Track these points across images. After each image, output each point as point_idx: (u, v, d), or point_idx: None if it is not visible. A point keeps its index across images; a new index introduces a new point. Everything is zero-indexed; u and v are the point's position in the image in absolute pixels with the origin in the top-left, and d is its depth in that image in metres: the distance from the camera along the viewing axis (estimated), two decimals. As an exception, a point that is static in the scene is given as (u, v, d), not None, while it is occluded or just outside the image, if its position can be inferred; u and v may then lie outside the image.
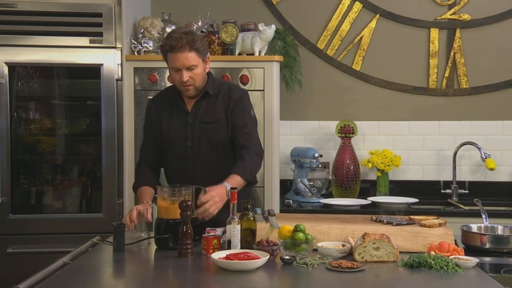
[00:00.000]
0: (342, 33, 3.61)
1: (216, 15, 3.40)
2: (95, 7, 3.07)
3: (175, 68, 2.30)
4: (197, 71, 2.31)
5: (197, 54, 2.29)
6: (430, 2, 3.57)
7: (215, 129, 2.39)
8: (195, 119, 2.39)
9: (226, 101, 2.42)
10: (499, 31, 3.53)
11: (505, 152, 3.52)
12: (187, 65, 2.28)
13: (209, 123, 2.39)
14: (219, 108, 2.41)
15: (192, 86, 2.34)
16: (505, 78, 3.53)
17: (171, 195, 2.13)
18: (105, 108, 3.09)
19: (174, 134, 2.40)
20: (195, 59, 2.29)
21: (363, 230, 2.03)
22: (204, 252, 2.01)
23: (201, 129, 2.38)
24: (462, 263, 1.84)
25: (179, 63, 2.28)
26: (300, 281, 1.79)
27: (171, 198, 2.13)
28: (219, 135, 2.40)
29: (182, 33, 2.28)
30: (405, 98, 3.60)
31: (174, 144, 2.40)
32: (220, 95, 2.43)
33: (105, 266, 1.99)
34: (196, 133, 2.38)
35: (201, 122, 2.39)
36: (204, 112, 2.40)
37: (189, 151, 2.38)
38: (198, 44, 2.29)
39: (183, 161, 2.39)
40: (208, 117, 2.40)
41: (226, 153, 2.42)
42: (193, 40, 2.27)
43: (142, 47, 3.14)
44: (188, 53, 2.26)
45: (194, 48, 2.27)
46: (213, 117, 2.40)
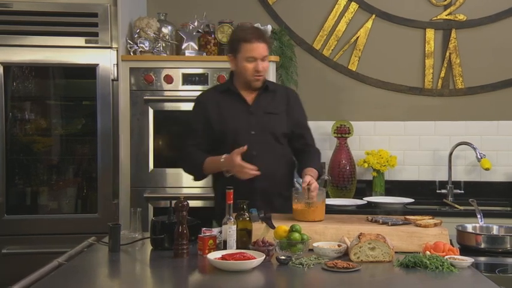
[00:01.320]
0: (338, 33, 3.61)
1: (212, 15, 3.40)
2: (91, 7, 3.06)
3: (252, 58, 2.39)
4: (266, 63, 2.45)
5: (267, 48, 2.43)
6: (425, 3, 3.58)
7: (277, 120, 2.50)
8: (258, 109, 2.49)
9: (284, 98, 2.56)
10: (495, 31, 3.54)
11: (501, 152, 3.53)
12: (263, 55, 2.41)
13: (272, 114, 2.50)
14: (278, 103, 2.53)
15: (263, 76, 2.46)
16: (500, 79, 3.54)
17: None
18: (101, 108, 3.08)
19: (236, 124, 2.45)
20: (266, 51, 2.43)
21: (359, 230, 2.03)
22: (200, 253, 2.01)
23: (264, 119, 2.48)
24: (457, 263, 1.84)
25: (256, 53, 2.38)
26: (296, 281, 1.79)
27: (305, 201, 2.23)
28: (280, 126, 2.50)
29: (255, 27, 2.47)
30: (401, 98, 3.60)
31: (237, 134, 2.45)
32: (277, 92, 2.57)
33: (100, 267, 1.99)
34: (259, 122, 2.46)
35: (264, 112, 2.49)
36: (266, 104, 2.51)
37: (253, 139, 2.44)
38: (268, 37, 2.48)
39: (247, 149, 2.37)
40: (271, 108, 2.50)
41: (283, 144, 2.52)
42: (265, 34, 2.48)
43: (138, 47, 3.14)
44: (263, 44, 2.40)
45: (266, 41, 2.44)
46: (276, 110, 2.51)
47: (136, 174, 3.13)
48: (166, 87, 3.14)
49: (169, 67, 3.14)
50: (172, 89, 3.14)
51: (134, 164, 3.13)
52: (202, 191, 3.15)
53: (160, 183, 3.15)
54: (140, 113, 3.13)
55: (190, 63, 3.17)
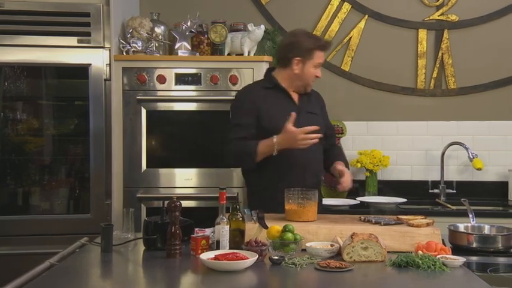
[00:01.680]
0: (331, 33, 3.62)
1: (205, 15, 3.40)
2: (83, 7, 3.05)
3: (318, 64, 2.59)
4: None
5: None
6: (418, 3, 3.60)
7: (317, 120, 2.63)
8: (303, 108, 2.62)
9: (317, 100, 2.77)
10: (487, 32, 3.56)
11: (492, 152, 3.55)
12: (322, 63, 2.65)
13: (313, 114, 2.66)
14: (315, 105, 2.72)
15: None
16: (492, 79, 3.56)
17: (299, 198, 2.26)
18: (93, 108, 3.07)
19: (280, 120, 2.48)
20: None
21: (352, 230, 2.03)
22: (193, 253, 2.01)
23: (307, 118, 2.57)
24: (449, 263, 1.85)
25: (322, 61, 2.62)
26: (289, 281, 1.79)
27: (298, 202, 2.25)
28: (321, 126, 2.59)
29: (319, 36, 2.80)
30: (394, 99, 3.62)
31: (278, 130, 2.48)
32: (311, 95, 2.72)
33: (92, 267, 1.98)
34: (303, 121, 2.52)
35: (307, 112, 2.63)
36: (309, 105, 2.67)
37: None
38: None
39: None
40: (311, 108, 2.68)
41: (320, 144, 2.60)
42: None
43: (131, 47, 3.13)
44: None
45: None
46: (315, 110, 2.70)
47: (129, 174, 3.12)
48: (159, 87, 3.13)
49: (162, 67, 3.13)
50: (165, 89, 3.13)
51: (127, 164, 3.11)
52: (196, 191, 3.14)
53: (153, 183, 3.14)
54: (133, 113, 3.12)
55: (183, 63, 3.16)
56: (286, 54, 2.57)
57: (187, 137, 3.21)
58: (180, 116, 3.19)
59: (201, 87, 3.14)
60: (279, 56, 2.66)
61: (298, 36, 2.59)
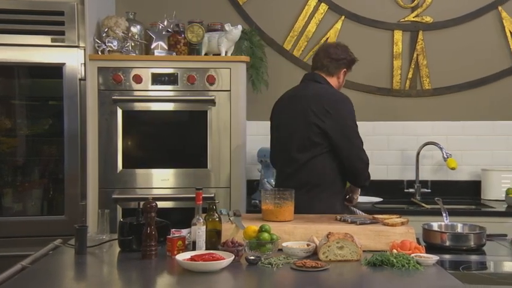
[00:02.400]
0: (308, 34, 3.63)
1: (181, 15, 3.38)
2: (57, 5, 3.00)
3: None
4: None
5: None
6: (393, 4, 3.64)
7: None
8: None
9: None
10: (460, 33, 3.62)
11: (466, 152, 3.61)
12: None
13: None
14: None
15: None
16: (465, 80, 3.63)
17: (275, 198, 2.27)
18: (68, 109, 3.02)
19: None
20: None
21: (328, 230, 2.04)
22: (169, 254, 2.00)
23: None
24: (423, 261, 1.87)
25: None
26: (265, 281, 1.79)
27: (274, 202, 2.26)
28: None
29: None
30: (370, 99, 3.65)
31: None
32: None
33: (66, 269, 1.95)
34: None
35: None
36: None
37: None
38: None
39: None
40: None
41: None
42: None
43: (106, 47, 3.09)
44: None
45: None
46: None
47: (104, 175, 3.08)
48: (135, 87, 3.11)
49: (139, 67, 3.11)
50: (142, 88, 3.11)
51: (102, 165, 3.08)
52: (173, 191, 3.13)
53: (130, 184, 3.11)
54: (108, 113, 3.09)
55: (159, 63, 3.14)
56: (339, 64, 2.70)
57: (164, 137, 3.19)
58: (157, 116, 3.17)
59: (177, 87, 3.12)
60: (330, 64, 2.69)
61: (347, 51, 2.75)
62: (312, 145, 2.55)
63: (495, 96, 3.62)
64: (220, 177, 3.13)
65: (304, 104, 2.58)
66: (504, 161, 3.59)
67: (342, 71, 2.73)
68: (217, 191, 3.11)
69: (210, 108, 3.12)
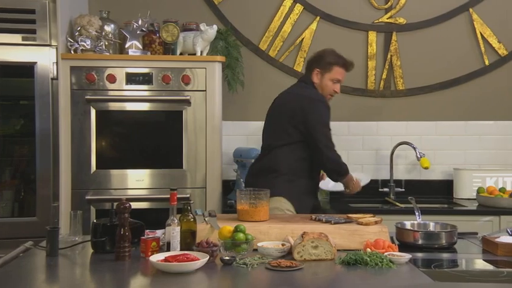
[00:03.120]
0: (283, 34, 3.64)
1: (156, 14, 3.36)
2: (28, 3, 2.95)
3: (337, 80, 2.87)
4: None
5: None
6: (368, 6, 3.67)
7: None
8: None
9: None
10: (433, 35, 3.68)
11: (438, 152, 3.67)
12: (342, 82, 2.92)
13: None
14: None
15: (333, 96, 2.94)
16: (438, 80, 3.68)
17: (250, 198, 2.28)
18: (40, 108, 2.97)
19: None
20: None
21: (302, 229, 2.05)
22: (143, 255, 1.98)
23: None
24: (396, 259, 1.90)
25: (341, 77, 2.89)
26: (240, 281, 1.79)
27: (249, 202, 2.27)
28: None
29: (345, 57, 2.90)
30: (345, 99, 3.68)
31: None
32: None
33: (37, 272, 1.91)
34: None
35: None
36: None
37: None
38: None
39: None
40: None
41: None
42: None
43: (79, 45, 3.05)
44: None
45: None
46: None
47: (77, 176, 3.04)
48: (109, 87, 3.07)
49: (113, 66, 3.08)
50: (116, 88, 3.08)
51: (75, 165, 3.04)
52: (148, 192, 3.10)
53: (104, 185, 3.08)
54: (82, 113, 3.05)
55: (134, 62, 3.11)
56: (311, 64, 2.90)
57: (139, 138, 3.16)
58: (132, 116, 3.14)
59: (152, 87, 3.10)
60: (305, 66, 2.99)
61: (325, 51, 2.90)
62: (284, 134, 2.77)
63: (467, 96, 3.68)
64: (196, 177, 3.12)
65: (284, 100, 2.88)
66: (476, 160, 3.66)
67: (314, 72, 2.87)
68: (193, 191, 3.10)
69: (186, 108, 3.10)
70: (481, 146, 3.67)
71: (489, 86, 3.68)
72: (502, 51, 3.66)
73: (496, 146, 3.67)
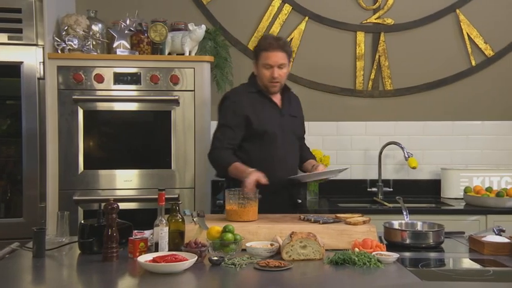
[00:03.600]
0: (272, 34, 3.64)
1: (144, 14, 3.34)
2: (14, 2, 2.92)
3: (268, 65, 2.66)
4: (284, 70, 2.70)
5: (286, 56, 2.68)
6: (356, 6, 3.69)
7: (298, 122, 2.86)
8: (286, 112, 2.78)
9: (297, 103, 2.93)
10: (421, 35, 3.70)
11: (426, 152, 3.69)
12: (279, 63, 2.66)
13: (295, 117, 2.83)
14: (296, 108, 2.89)
15: (279, 83, 2.71)
16: (425, 81, 3.71)
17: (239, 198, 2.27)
18: (26, 108, 2.94)
19: (274, 125, 2.71)
20: (284, 59, 2.67)
21: (291, 229, 2.05)
22: (131, 256, 1.97)
23: (289, 121, 2.78)
24: (383, 259, 1.91)
25: (272, 61, 2.65)
26: (228, 281, 1.79)
27: (238, 202, 2.26)
28: (300, 129, 2.89)
29: (275, 38, 2.73)
30: (333, 99, 3.69)
31: (267, 132, 2.69)
32: (291, 97, 2.89)
33: (23, 273, 1.89)
34: (288, 124, 2.76)
35: (290, 115, 2.79)
36: (290, 107, 2.82)
37: (280, 139, 2.71)
38: (287, 47, 2.70)
39: (273, 146, 2.70)
40: (293, 112, 2.83)
41: (299, 146, 2.86)
42: (284, 43, 2.71)
43: (66, 45, 3.03)
44: (280, 53, 2.65)
45: (285, 50, 2.67)
46: (296, 113, 2.86)
47: (65, 176, 3.02)
48: (97, 87, 3.06)
49: (100, 66, 3.06)
50: (104, 88, 3.06)
51: (63, 166, 3.02)
52: (137, 192, 3.09)
53: (91, 185, 3.06)
54: (69, 113, 3.02)
55: (122, 62, 3.09)
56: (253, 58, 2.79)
57: (127, 138, 3.15)
58: (120, 116, 3.12)
59: (141, 86, 3.08)
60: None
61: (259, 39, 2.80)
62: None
63: (454, 97, 3.71)
64: (184, 177, 3.11)
65: None
66: (463, 160, 3.69)
67: (254, 64, 2.77)
68: (182, 191, 3.09)
69: (174, 108, 3.10)
70: (468, 146, 3.71)
71: (476, 87, 3.71)
72: (489, 52, 3.69)
73: (483, 146, 3.70)
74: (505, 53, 3.70)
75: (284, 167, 2.70)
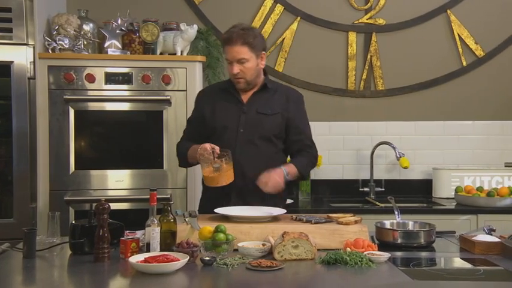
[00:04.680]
0: (264, 34, 3.63)
1: (136, 13, 3.33)
2: (4, 1, 2.90)
3: (228, 60, 2.47)
4: (248, 64, 2.44)
5: (250, 49, 2.42)
6: (347, 6, 3.70)
7: (269, 120, 2.53)
8: (251, 108, 2.53)
9: (283, 98, 2.59)
10: (412, 35, 3.72)
11: (418, 151, 3.71)
12: (238, 58, 2.42)
13: (264, 114, 2.53)
14: (276, 104, 2.56)
15: (243, 79, 2.48)
16: (417, 81, 3.72)
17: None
18: (17, 108, 2.93)
19: (227, 121, 2.52)
20: (246, 53, 2.42)
21: (283, 229, 2.05)
22: (122, 256, 1.96)
23: (255, 119, 2.52)
24: (375, 258, 1.91)
25: (230, 56, 2.44)
26: (220, 281, 1.79)
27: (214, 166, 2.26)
28: (271, 127, 2.53)
29: (239, 29, 2.44)
30: (325, 99, 3.70)
31: (226, 130, 2.51)
32: (277, 92, 2.60)
33: (13, 274, 1.88)
34: (250, 121, 2.51)
35: (257, 112, 2.53)
36: (261, 104, 2.55)
37: (240, 137, 2.50)
38: (251, 39, 2.42)
39: (232, 145, 2.47)
40: (264, 109, 2.54)
41: (273, 145, 2.54)
42: (247, 35, 2.42)
43: (57, 45, 3.02)
44: (240, 47, 2.41)
45: (247, 43, 2.41)
46: (269, 110, 2.54)
47: (56, 177, 3.01)
48: (88, 87, 3.04)
49: (91, 66, 3.04)
50: (95, 88, 3.05)
51: (53, 166, 3.00)
52: (129, 192, 3.08)
53: (83, 186, 3.05)
54: (60, 113, 3.01)
55: (113, 62, 3.08)
56: None
57: (119, 138, 3.13)
58: (111, 116, 3.11)
59: (132, 86, 3.07)
60: None
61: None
62: None
63: (446, 97, 3.73)
64: (176, 177, 3.10)
65: None
66: (454, 160, 3.71)
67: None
68: (174, 191, 3.09)
69: (166, 108, 3.09)
70: (460, 145, 3.72)
71: (467, 87, 3.73)
72: (479, 52, 3.72)
73: (474, 145, 3.72)
74: (496, 53, 3.73)
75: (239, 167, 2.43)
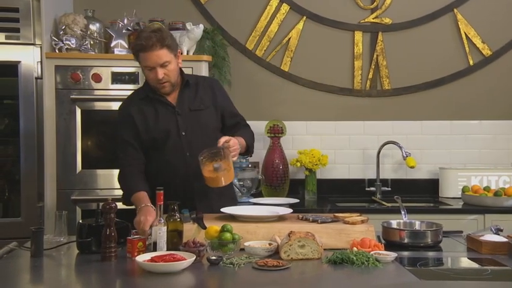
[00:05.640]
0: (270, 34, 3.64)
1: (142, 13, 3.34)
2: (11, 1, 2.93)
3: (149, 67, 2.33)
4: (171, 67, 2.35)
5: (169, 51, 2.32)
6: (354, 6, 3.69)
7: (205, 115, 2.46)
8: (183, 108, 2.43)
9: (207, 90, 2.50)
10: (418, 35, 3.70)
11: (424, 151, 3.69)
12: (160, 62, 2.31)
13: (198, 111, 2.45)
14: (203, 97, 2.48)
15: (168, 82, 2.37)
16: (423, 80, 3.71)
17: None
18: (24, 108, 2.95)
19: (165, 127, 2.40)
20: (167, 55, 2.32)
21: (290, 229, 2.05)
22: (129, 255, 1.97)
23: (191, 117, 2.43)
24: (382, 258, 1.91)
25: (152, 62, 2.30)
26: (227, 281, 1.79)
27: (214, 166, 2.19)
28: (209, 121, 2.47)
29: (151, 32, 2.32)
30: (332, 99, 3.69)
31: (168, 137, 2.40)
32: (199, 84, 2.50)
33: (21, 273, 1.89)
34: (187, 121, 2.42)
35: (190, 110, 2.44)
36: (190, 101, 2.45)
37: (184, 139, 2.41)
38: (168, 40, 2.32)
39: (179, 150, 2.40)
40: (196, 105, 2.45)
41: (216, 139, 2.36)
42: (162, 37, 2.31)
43: (64, 44, 3.03)
44: (160, 51, 2.29)
45: (165, 45, 2.31)
46: (202, 105, 2.46)
47: (63, 176, 3.02)
48: (95, 86, 3.05)
49: (98, 65, 3.05)
50: (102, 88, 3.06)
51: (61, 166, 3.01)
52: (134, 192, 3.07)
53: (90, 185, 3.06)
54: (67, 113, 3.02)
55: (120, 61, 3.09)
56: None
57: (125, 137, 3.13)
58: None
59: (139, 86, 3.07)
60: None
61: (135, 38, 2.43)
62: None
63: (452, 96, 3.71)
64: (182, 177, 3.10)
65: None
66: (461, 159, 3.69)
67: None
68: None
69: (172, 108, 3.08)
70: (466, 145, 3.71)
71: (474, 86, 3.71)
72: (486, 52, 3.70)
73: (481, 145, 3.71)
74: (503, 52, 3.71)
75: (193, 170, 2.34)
